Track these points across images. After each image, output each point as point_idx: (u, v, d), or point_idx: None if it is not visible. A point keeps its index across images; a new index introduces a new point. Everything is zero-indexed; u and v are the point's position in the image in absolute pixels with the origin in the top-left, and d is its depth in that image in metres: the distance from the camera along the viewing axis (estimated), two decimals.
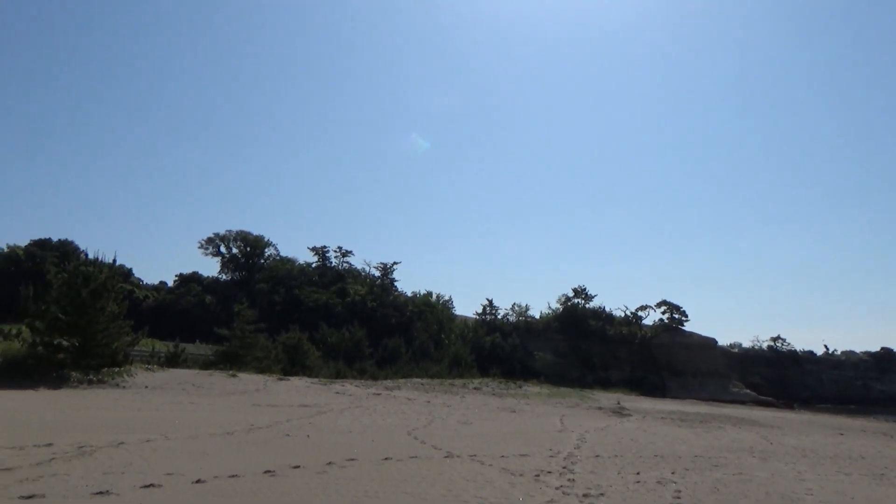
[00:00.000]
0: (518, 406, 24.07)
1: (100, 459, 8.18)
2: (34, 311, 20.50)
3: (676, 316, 69.55)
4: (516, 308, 73.36)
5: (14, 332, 20.17)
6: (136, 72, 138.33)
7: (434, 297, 72.04)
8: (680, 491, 8.43)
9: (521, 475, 8.81)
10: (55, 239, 64.66)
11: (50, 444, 8.86)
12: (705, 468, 10.59)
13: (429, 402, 22.69)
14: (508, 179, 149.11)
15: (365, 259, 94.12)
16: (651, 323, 70.65)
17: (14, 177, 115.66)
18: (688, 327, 69.07)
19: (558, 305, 72.65)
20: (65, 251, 60.06)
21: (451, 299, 72.48)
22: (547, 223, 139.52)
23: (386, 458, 9.45)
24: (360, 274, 74.95)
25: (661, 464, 10.80)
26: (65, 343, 20.18)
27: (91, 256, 24.13)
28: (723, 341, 69.48)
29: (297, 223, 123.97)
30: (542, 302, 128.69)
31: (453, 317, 69.10)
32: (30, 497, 6.25)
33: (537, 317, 72.98)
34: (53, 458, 8.00)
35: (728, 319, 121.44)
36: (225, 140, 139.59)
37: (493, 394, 29.78)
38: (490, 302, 71.75)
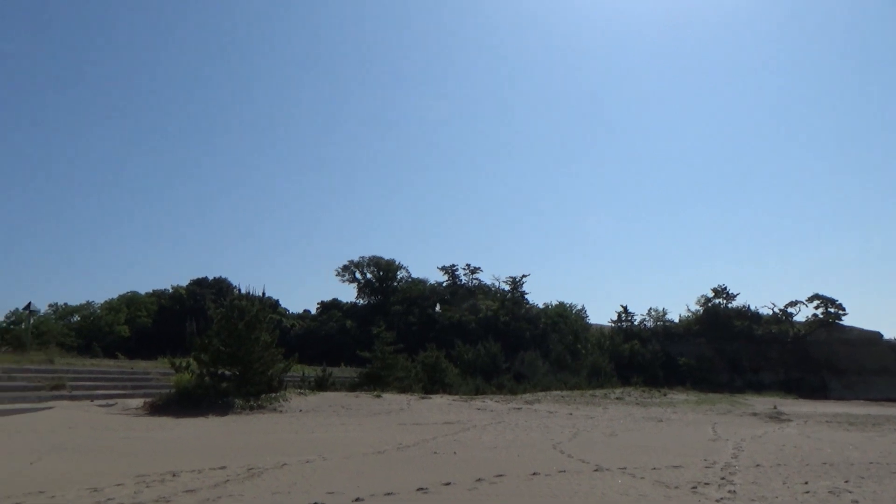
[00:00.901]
0: (664, 415, 23.20)
1: (267, 480, 8.79)
2: (199, 344, 22.35)
3: (832, 310, 64.26)
4: (653, 313, 70.89)
5: (184, 364, 22.11)
6: (263, 115, 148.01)
7: (567, 307, 71.11)
8: (857, 501, 7.82)
9: (676, 487, 8.52)
10: (211, 277, 70.41)
11: (223, 467, 9.63)
12: (884, 476, 9.74)
13: (571, 414, 22.41)
14: (632, 179, 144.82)
15: (494, 274, 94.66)
16: (803, 319, 65.69)
17: (173, 222, 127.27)
18: (846, 321, 63.46)
19: (698, 307, 69.34)
20: (220, 288, 65.16)
21: (584, 308, 71.29)
22: (677, 223, 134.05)
23: (534, 474, 9.47)
24: (490, 289, 75.43)
25: (830, 472, 10.05)
26: (227, 373, 21.88)
27: (243, 291, 25.95)
28: (889, 335, 63.30)
29: (426, 244, 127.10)
30: (679, 305, 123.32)
31: (588, 326, 67.84)
32: None
33: (676, 320, 70.04)
34: (228, 480, 8.70)
35: (893, 311, 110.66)
36: (350, 170, 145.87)
37: (637, 403, 28.88)
38: (625, 308, 69.84)
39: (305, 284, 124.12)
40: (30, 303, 59.45)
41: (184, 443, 13.25)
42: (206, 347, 22.29)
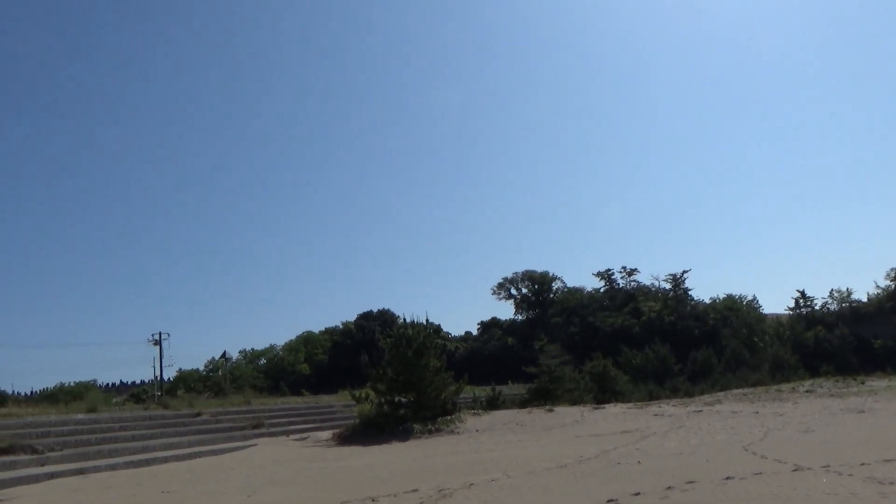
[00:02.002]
0: (866, 405, 21.19)
1: (459, 500, 9.16)
2: (374, 375, 23.61)
3: None
4: (836, 294, 64.89)
5: (363, 395, 23.45)
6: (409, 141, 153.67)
7: (736, 299, 67.00)
8: None
9: (891, 483, 7.85)
10: (375, 310, 73.95)
11: (416, 490, 10.14)
12: None
13: (757, 412, 21.09)
14: (798, 153, 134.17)
15: (652, 274, 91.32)
16: None
17: (337, 262, 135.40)
18: None
19: (888, 282, 62.45)
20: (385, 319, 68.20)
21: (755, 299, 66.81)
22: (848, 194, 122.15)
23: (727, 478, 9.10)
24: (650, 290, 72.86)
25: None
26: (403, 399, 22.91)
27: (408, 320, 27.06)
28: None
29: (578, 252, 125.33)
30: (864, 282, 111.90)
31: (763, 317, 63.43)
32: None
33: (864, 299, 63.56)
34: (422, 502, 9.17)
35: None
36: (491, 186, 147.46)
37: (831, 395, 26.59)
38: (802, 293, 64.42)
39: (464, 306, 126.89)
40: (224, 351, 65.97)
41: (375, 469, 14.06)
42: (380, 377, 23.48)
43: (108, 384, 77.01)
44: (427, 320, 27.47)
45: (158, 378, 58.78)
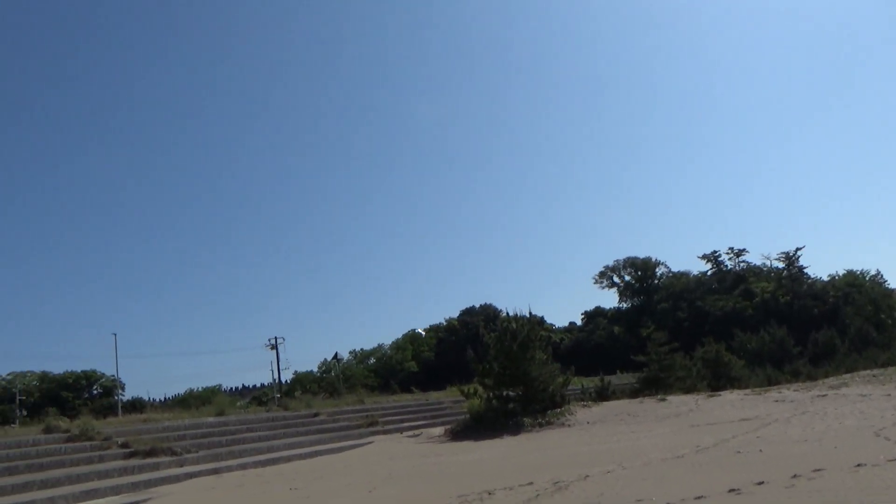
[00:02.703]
0: None
1: (575, 492, 9.20)
2: (480, 370, 23.85)
3: None
4: None
5: (471, 391, 23.75)
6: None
7: (858, 274, 62.70)
8: None
9: None
10: (478, 305, 74.45)
11: (531, 483, 10.26)
12: None
13: (889, 395, 19.77)
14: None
15: (762, 253, 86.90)
16: None
17: (438, 259, 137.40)
18: None
19: None
20: (487, 314, 68.57)
21: (879, 273, 62.25)
22: None
23: (858, 465, 8.67)
24: (761, 270, 69.39)
25: None
26: (511, 393, 23.03)
27: (510, 313, 27.13)
28: None
29: (682, 235, 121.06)
30: None
31: (889, 292, 59.01)
32: None
33: None
34: (538, 495, 9.27)
35: None
36: (590, 172, 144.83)
37: None
38: None
39: (566, 297, 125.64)
40: (336, 353, 68.58)
41: (488, 463, 14.29)
42: (487, 372, 23.69)
43: (231, 388, 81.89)
44: (530, 313, 27.47)
45: (277, 381, 61.77)
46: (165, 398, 76.07)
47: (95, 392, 79.49)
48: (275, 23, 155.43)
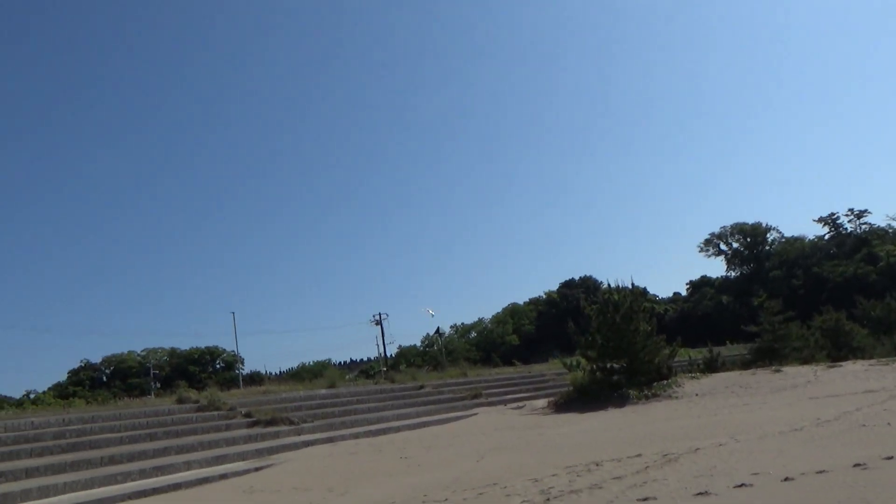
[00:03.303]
0: None
1: (685, 465, 9.08)
2: (583, 342, 23.69)
3: None
4: None
5: (574, 363, 23.67)
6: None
7: None
8: None
9: None
10: (577, 277, 73.57)
11: (639, 455, 10.20)
12: None
13: None
14: None
15: (888, 214, 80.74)
16: None
17: (539, 232, 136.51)
18: None
19: None
20: (587, 286, 67.66)
21: None
22: None
23: None
24: (886, 232, 64.52)
25: None
26: (615, 366, 22.77)
27: (611, 285, 26.70)
28: None
29: (794, 198, 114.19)
30: None
31: None
32: (644, 500, 7.38)
33: None
34: (647, 467, 9.22)
35: None
36: (697, 138, 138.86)
37: None
38: None
39: (670, 267, 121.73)
40: (438, 327, 69.79)
41: (594, 435, 14.28)
42: (590, 344, 23.50)
43: (340, 362, 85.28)
44: (633, 284, 26.92)
45: (382, 355, 63.77)
46: (280, 371, 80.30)
47: (218, 366, 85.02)
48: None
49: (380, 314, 63.70)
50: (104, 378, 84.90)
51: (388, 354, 66.14)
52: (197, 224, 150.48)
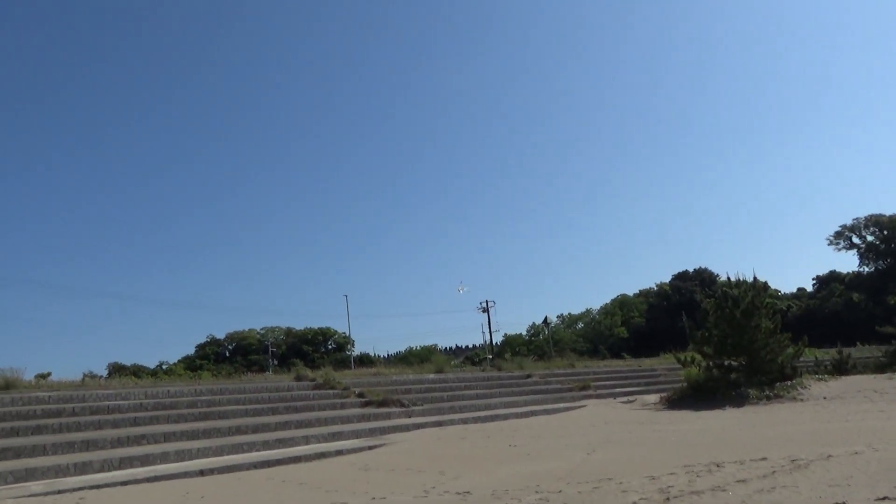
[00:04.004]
0: None
1: (817, 472, 8.55)
2: (699, 337, 22.77)
3: None
4: None
5: (689, 358, 22.81)
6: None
7: None
8: None
9: None
10: (691, 269, 70.65)
11: (764, 458, 9.70)
12: None
13: None
14: None
15: None
16: None
17: (651, 222, 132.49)
18: None
19: None
20: (702, 278, 64.92)
21: None
22: None
23: None
24: None
25: None
26: (734, 363, 21.74)
27: (730, 278, 25.46)
28: None
29: None
30: None
31: None
32: None
33: None
34: (774, 471, 8.76)
35: None
36: (830, 123, 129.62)
37: None
38: None
39: (795, 259, 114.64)
40: (546, 317, 69.26)
41: (712, 434, 13.73)
42: (706, 340, 22.55)
43: (445, 348, 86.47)
44: (755, 278, 25.57)
45: (488, 342, 64.11)
46: (388, 354, 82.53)
47: (331, 346, 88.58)
48: None
49: (486, 301, 63.92)
50: (227, 353, 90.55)
51: (494, 342, 66.43)
52: (317, 211, 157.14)
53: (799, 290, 71.19)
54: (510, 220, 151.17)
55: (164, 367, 74.51)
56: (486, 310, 63.86)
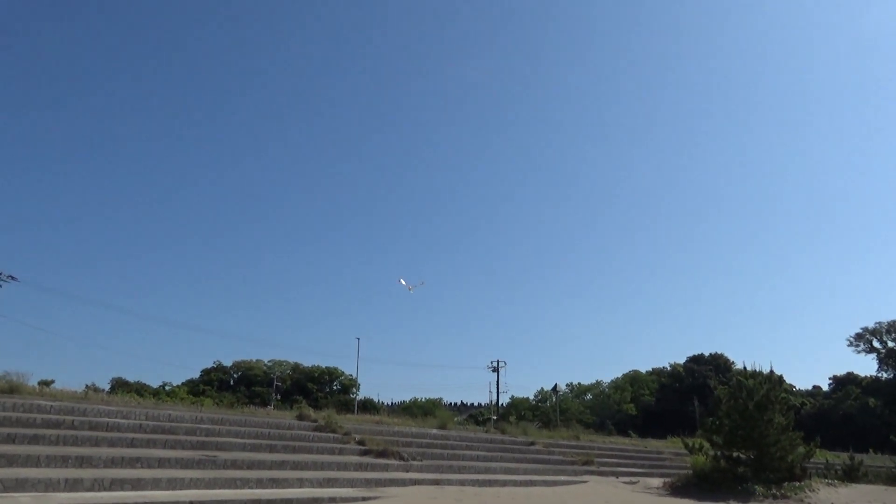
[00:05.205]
0: None
1: None
2: (709, 425, 22.25)
3: None
4: None
5: (697, 445, 22.25)
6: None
7: None
8: None
9: None
10: (707, 353, 69.56)
11: None
12: None
13: None
14: None
15: None
16: None
17: (667, 302, 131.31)
18: None
19: None
20: (717, 364, 63.85)
21: None
22: None
23: None
24: None
25: None
26: (742, 456, 21.16)
27: (745, 367, 24.99)
28: None
29: None
30: None
31: None
32: None
33: None
34: None
35: None
36: (854, 225, 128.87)
37: None
38: None
39: (812, 355, 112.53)
40: (556, 384, 68.32)
41: None
42: (716, 429, 22.03)
43: (451, 403, 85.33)
44: (771, 371, 25.12)
45: (494, 403, 63.13)
46: (392, 402, 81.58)
47: (336, 387, 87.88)
48: None
49: (498, 361, 63.27)
50: (231, 381, 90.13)
51: (500, 403, 65.43)
52: (340, 250, 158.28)
53: (814, 387, 69.61)
54: (529, 282, 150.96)
55: (167, 387, 74.30)
56: (496, 369, 63.13)
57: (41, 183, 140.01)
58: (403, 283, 61.72)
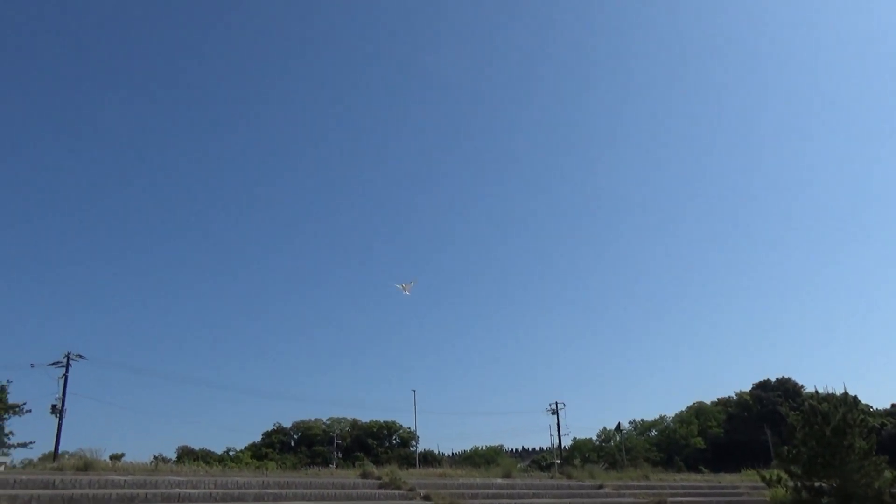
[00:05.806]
0: None
1: None
2: (785, 454, 21.34)
3: None
4: None
5: (775, 477, 21.33)
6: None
7: None
8: None
9: None
10: (773, 378, 67.01)
11: None
12: None
13: None
14: None
15: None
16: None
17: (727, 328, 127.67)
18: None
19: None
20: (785, 389, 61.44)
21: None
22: None
23: None
24: None
25: None
26: (824, 486, 20.19)
27: (817, 390, 24.03)
28: None
29: None
30: None
31: None
32: None
33: None
34: None
35: None
36: None
37: None
38: None
39: (886, 372, 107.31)
40: (619, 423, 66.73)
41: None
42: (793, 458, 21.11)
43: (511, 449, 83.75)
44: (846, 392, 24.05)
45: (556, 446, 61.74)
46: (453, 453, 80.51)
47: (395, 441, 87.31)
48: None
49: (556, 403, 62.08)
50: (292, 443, 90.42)
51: (563, 446, 63.98)
52: (391, 307, 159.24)
53: (893, 406, 66.18)
54: (584, 320, 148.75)
55: (230, 453, 74.92)
56: (555, 411, 61.90)
57: (105, 269, 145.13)
58: (399, 287, 60.92)
